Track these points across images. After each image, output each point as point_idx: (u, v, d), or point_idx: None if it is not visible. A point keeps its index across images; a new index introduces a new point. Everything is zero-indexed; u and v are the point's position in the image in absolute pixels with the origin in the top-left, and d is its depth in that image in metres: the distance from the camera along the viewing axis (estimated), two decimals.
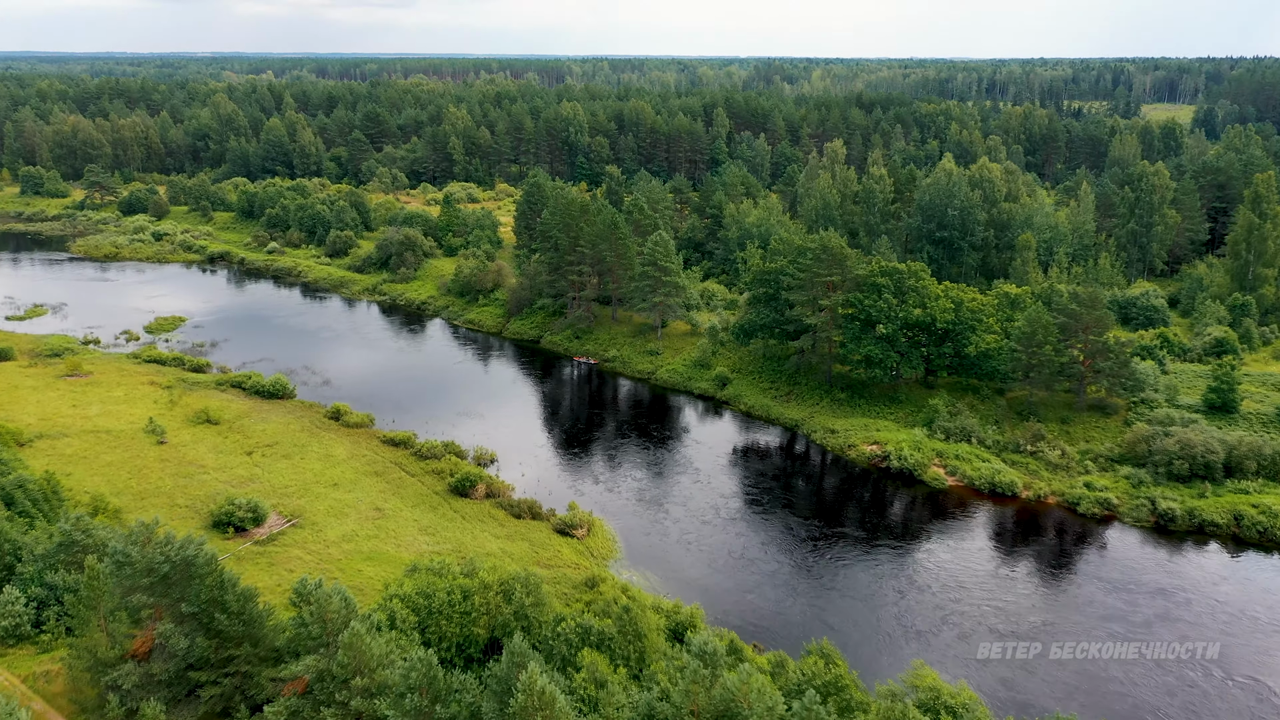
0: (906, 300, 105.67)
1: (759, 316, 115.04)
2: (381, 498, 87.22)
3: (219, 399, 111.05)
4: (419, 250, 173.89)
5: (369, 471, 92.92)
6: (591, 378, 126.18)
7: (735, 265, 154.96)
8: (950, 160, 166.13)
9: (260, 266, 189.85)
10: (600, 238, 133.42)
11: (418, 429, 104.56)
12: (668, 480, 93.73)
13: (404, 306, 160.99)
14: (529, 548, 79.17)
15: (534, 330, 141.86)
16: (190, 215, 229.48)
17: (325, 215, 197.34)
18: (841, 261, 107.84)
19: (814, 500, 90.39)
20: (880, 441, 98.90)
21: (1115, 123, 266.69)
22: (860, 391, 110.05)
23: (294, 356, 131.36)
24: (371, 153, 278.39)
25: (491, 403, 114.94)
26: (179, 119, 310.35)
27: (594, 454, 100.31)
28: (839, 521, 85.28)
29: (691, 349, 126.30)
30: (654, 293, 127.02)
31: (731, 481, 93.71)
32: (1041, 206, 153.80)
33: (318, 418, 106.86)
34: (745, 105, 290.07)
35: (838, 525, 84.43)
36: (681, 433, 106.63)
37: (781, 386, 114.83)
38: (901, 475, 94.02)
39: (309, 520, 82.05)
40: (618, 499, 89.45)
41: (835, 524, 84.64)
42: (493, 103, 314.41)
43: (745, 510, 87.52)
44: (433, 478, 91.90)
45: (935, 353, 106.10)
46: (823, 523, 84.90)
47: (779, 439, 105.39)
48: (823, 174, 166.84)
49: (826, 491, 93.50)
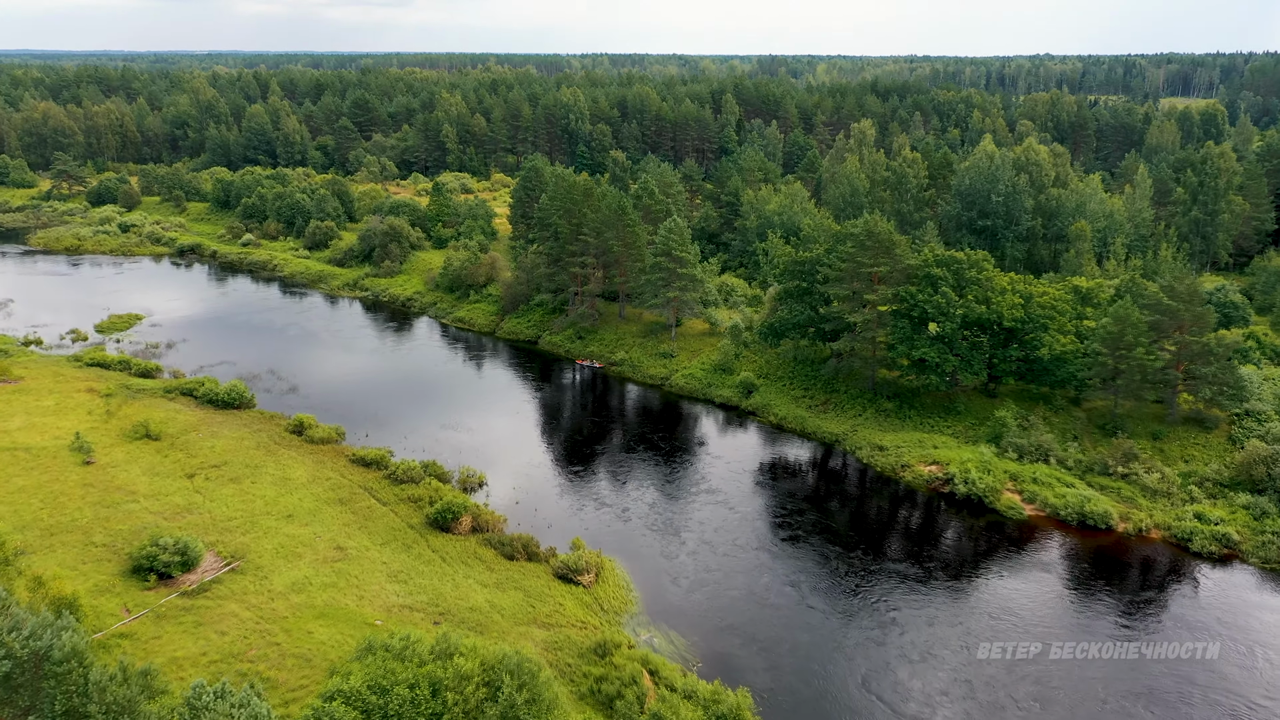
0: (966, 294, 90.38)
1: (791, 314, 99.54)
2: (345, 533, 71.87)
3: (165, 409, 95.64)
4: (405, 242, 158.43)
5: (332, 499, 77.56)
6: (596, 384, 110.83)
7: (755, 258, 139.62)
8: (990, 141, 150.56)
9: (234, 260, 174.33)
10: (606, 225, 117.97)
11: (395, 445, 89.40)
12: (687, 506, 78.51)
13: (387, 303, 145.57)
14: (523, 600, 63.81)
15: (531, 329, 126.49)
16: (163, 206, 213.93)
17: (305, 205, 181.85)
18: (890, 249, 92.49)
19: (862, 532, 75.04)
20: (940, 461, 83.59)
21: (1149, 109, 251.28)
22: (910, 401, 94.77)
23: (258, 359, 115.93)
24: (360, 141, 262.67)
25: (481, 414, 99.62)
26: (157, 106, 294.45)
27: (600, 475, 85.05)
28: (893, 559, 69.98)
29: (711, 351, 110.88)
30: (667, 287, 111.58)
31: (762, 508, 78.52)
32: (1095, 192, 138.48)
33: (278, 432, 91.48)
34: (755, 92, 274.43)
35: (891, 563, 69.13)
36: (701, 449, 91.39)
37: (816, 394, 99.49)
38: (968, 502, 78.83)
39: (253, 563, 66.67)
40: (630, 531, 74.21)
41: (888, 562, 69.37)
42: (489, 90, 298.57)
43: (780, 544, 72.30)
44: (408, 507, 76.54)
45: (1000, 356, 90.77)
46: (873, 560, 69.65)
47: (816, 456, 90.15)
48: (849, 157, 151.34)
49: (876, 521, 78.29)
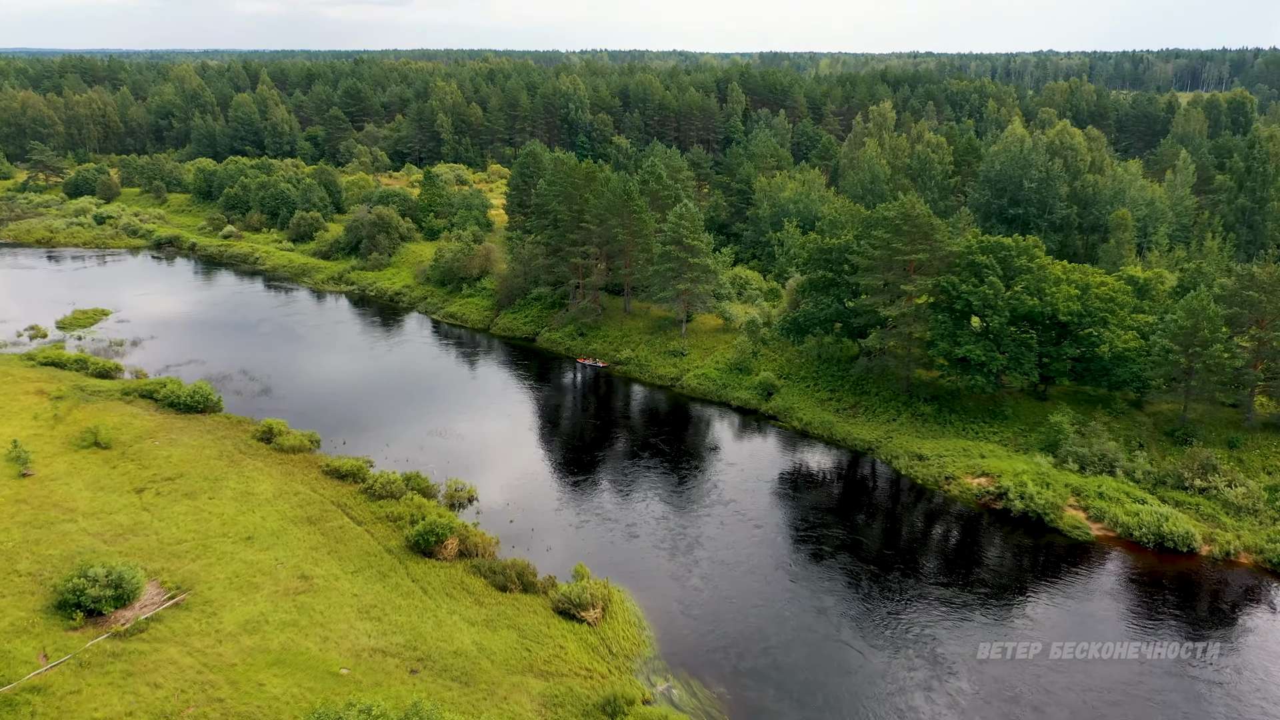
0: (1015, 284, 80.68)
1: (816, 308, 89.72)
2: (311, 558, 62.16)
3: (120, 414, 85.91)
4: (394, 233, 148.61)
5: (299, 517, 67.81)
6: (599, 385, 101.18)
7: (769, 249, 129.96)
8: (1020, 124, 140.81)
9: (213, 253, 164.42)
10: (610, 211, 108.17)
11: (375, 454, 79.76)
12: (702, 522, 68.86)
13: (374, 298, 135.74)
14: (517, 641, 54.08)
15: (528, 326, 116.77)
16: (143, 198, 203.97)
17: (290, 195, 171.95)
18: (928, 234, 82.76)
19: (901, 552, 65.31)
20: (991, 473, 73.87)
21: (1172, 98, 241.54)
22: (950, 404, 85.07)
23: (230, 359, 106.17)
24: (351, 132, 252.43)
25: (473, 419, 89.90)
26: (141, 95, 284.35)
27: (604, 486, 75.34)
28: (937, 583, 60.29)
29: (725, 349, 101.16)
30: (678, 279, 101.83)
31: (785, 524, 68.90)
32: (1134, 179, 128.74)
33: (244, 439, 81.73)
34: (762, 81, 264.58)
35: (936, 588, 59.44)
36: (716, 457, 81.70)
37: (844, 397, 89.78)
38: (1025, 520, 69.20)
39: (201, 596, 56.98)
40: (639, 553, 64.56)
41: (931, 587, 59.70)
42: (485, 79, 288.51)
43: (806, 566, 62.72)
44: (387, 527, 66.82)
45: (1053, 354, 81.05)
46: (913, 584, 60.00)
47: (846, 466, 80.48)
48: (869, 142, 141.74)
49: (917, 540, 68.57)
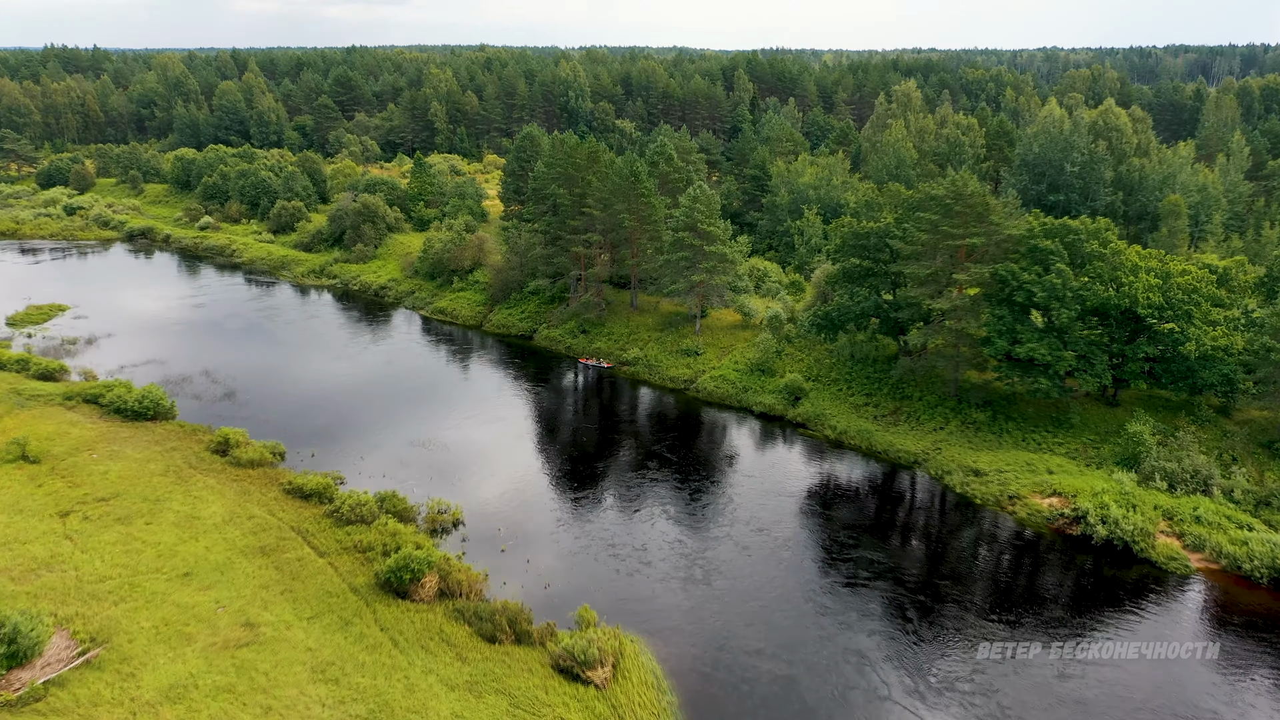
0: (1085, 273, 69.99)
1: (852, 300, 78.94)
2: (261, 600, 51.52)
3: (57, 422, 75.25)
4: (381, 223, 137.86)
5: (251, 547, 57.15)
6: (603, 387, 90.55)
7: (788, 239, 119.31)
8: (1056, 105, 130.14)
9: (188, 245, 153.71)
10: (615, 195, 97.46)
11: (348, 468, 69.22)
12: (722, 547, 58.32)
13: (358, 292, 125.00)
14: (508, 713, 43.42)
15: (525, 322, 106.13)
16: (119, 188, 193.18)
17: (271, 184, 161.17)
18: (983, 216, 72.06)
19: (961, 590, 54.63)
20: (1064, 492, 63.26)
21: (1200, 86, 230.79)
22: (1006, 411, 74.41)
23: (192, 359, 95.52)
24: (341, 121, 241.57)
25: (461, 427, 79.24)
26: (123, 84, 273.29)
27: (610, 505, 64.70)
28: (1003, 622, 49.67)
29: (745, 347, 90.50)
30: (691, 269, 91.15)
31: (820, 551, 58.33)
32: (1185, 163, 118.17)
33: (196, 451, 71.06)
34: (770, 69, 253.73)
35: (1000, 629, 48.81)
36: (736, 470, 71.02)
37: (883, 402, 79.10)
38: (1109, 549, 58.69)
39: (119, 651, 46.32)
40: (652, 588, 53.97)
41: (995, 626, 49.07)
42: (482, 67, 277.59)
43: (848, 604, 52.13)
44: (354, 559, 56.17)
45: (1129, 353, 70.38)
46: (979, 630, 49.34)
47: (889, 482, 69.83)
48: (893, 123, 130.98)
49: (980, 574, 57.74)
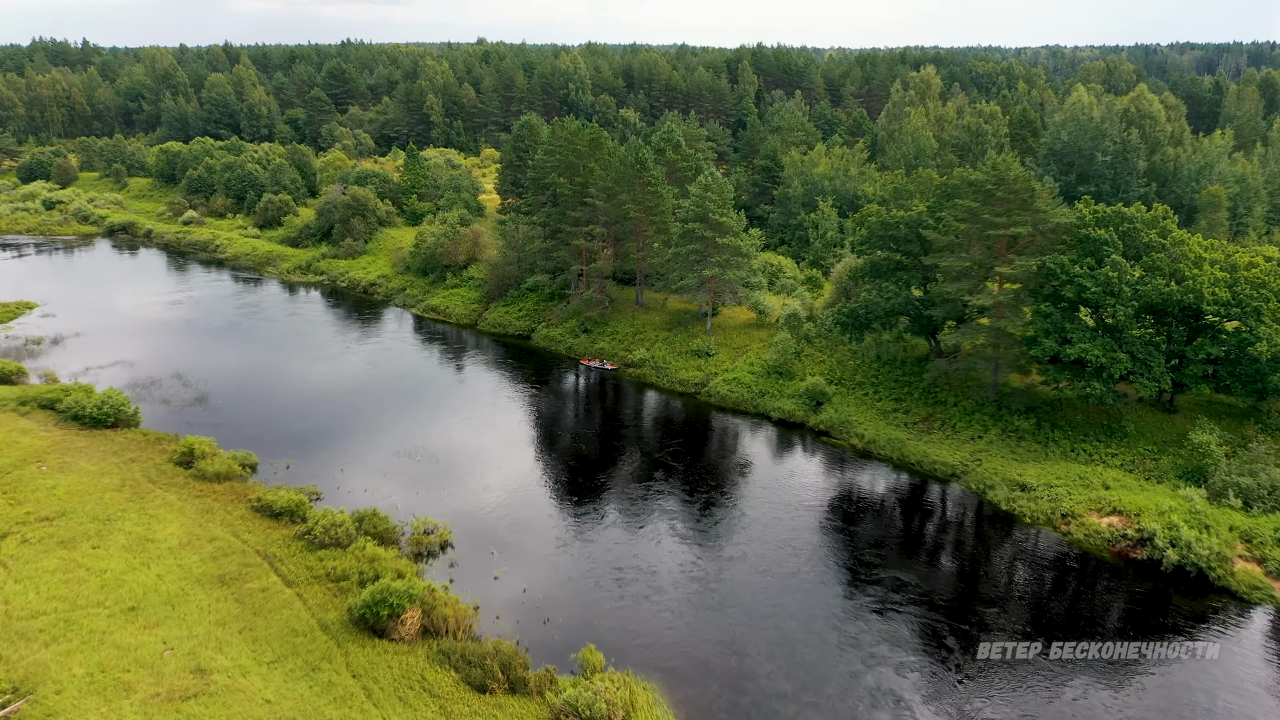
0: (1141, 265, 63.20)
1: (882, 297, 72.03)
2: (216, 640, 44.70)
3: (8, 429, 68.39)
4: (372, 217, 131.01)
5: (210, 575, 50.33)
6: (607, 391, 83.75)
7: (802, 232, 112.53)
8: (1084, 92, 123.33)
9: (170, 240, 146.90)
10: (619, 184, 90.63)
11: (325, 482, 62.46)
12: (738, 569, 51.57)
13: (346, 289, 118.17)
14: None
15: (522, 321, 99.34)
16: (101, 182, 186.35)
17: (258, 177, 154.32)
18: (1027, 202, 65.26)
19: (1010, 619, 47.78)
20: (1125, 510, 56.47)
21: (1220, 78, 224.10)
22: (1051, 418, 67.61)
23: (164, 360, 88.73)
24: (335, 115, 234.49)
25: (451, 435, 72.43)
26: (110, 77, 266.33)
27: (615, 523, 57.88)
28: (1067, 666, 42.85)
29: (761, 348, 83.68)
30: (703, 263, 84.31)
31: (852, 579, 51.54)
32: (1222, 152, 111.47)
33: (157, 463, 64.24)
34: (775, 61, 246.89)
35: (1067, 677, 41.98)
36: (754, 484, 64.17)
37: (914, 408, 72.28)
38: (1180, 575, 51.98)
39: (45, 705, 39.53)
40: (665, 622, 47.17)
41: (1060, 673, 42.23)
42: (480, 60, 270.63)
43: (886, 638, 45.42)
44: (325, 590, 49.33)
45: (1189, 354, 63.57)
46: (1034, 670, 42.52)
47: (923, 496, 63.02)
48: (911, 112, 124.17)
49: (1036, 606, 50.77)
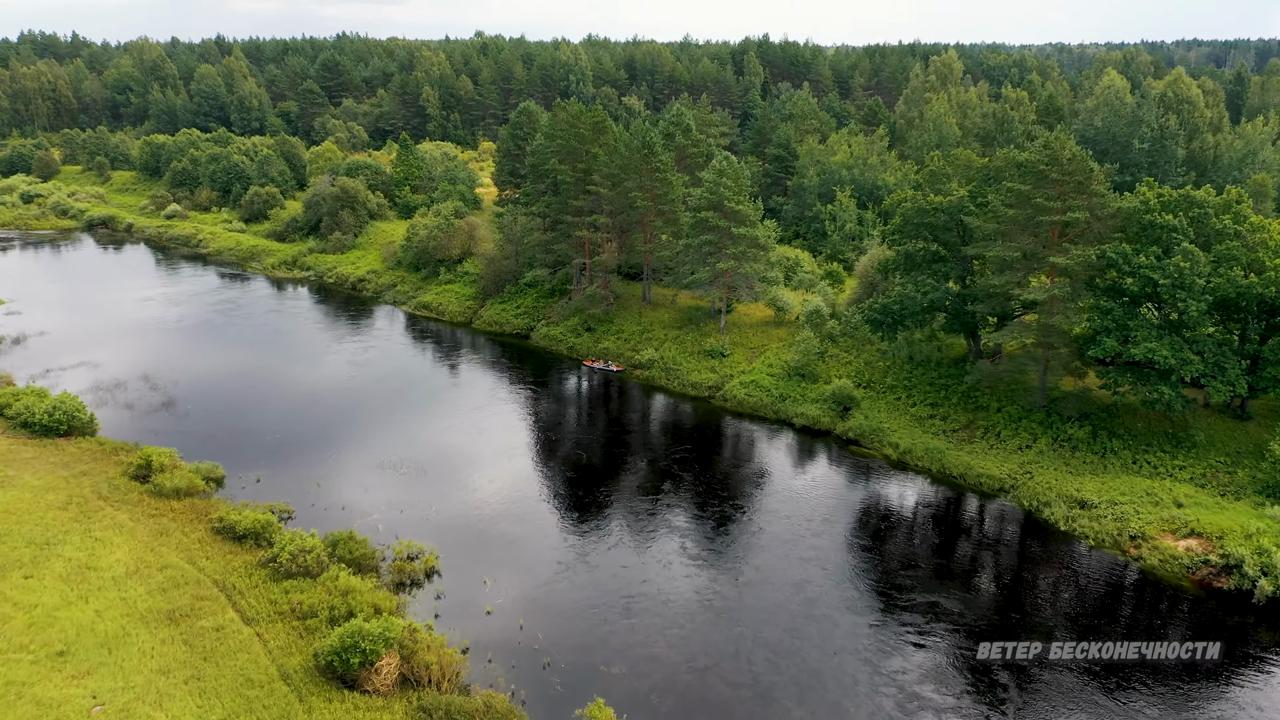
0: (1214, 254, 56.36)
1: (919, 291, 65.05)
2: (156, 692, 37.87)
3: None
4: (362, 209, 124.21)
5: (158, 611, 43.51)
6: (611, 395, 76.92)
7: (818, 224, 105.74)
8: (1116, 75, 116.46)
9: (152, 234, 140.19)
10: (625, 170, 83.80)
11: (299, 497, 55.69)
12: (764, 600, 44.76)
13: (334, 285, 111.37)
14: None
15: (520, 318, 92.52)
16: (84, 176, 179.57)
17: (244, 169, 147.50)
18: (1083, 185, 58.41)
19: (1081, 661, 40.87)
20: (1205, 532, 49.64)
21: (1242, 69, 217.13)
22: (1109, 425, 60.74)
23: (132, 361, 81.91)
24: (328, 108, 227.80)
25: (441, 445, 65.59)
26: (98, 69, 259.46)
27: (621, 543, 51.01)
28: (1145, 699, 36.22)
29: (780, 347, 76.81)
30: (717, 255, 77.46)
31: (890, 609, 44.74)
32: (1266, 139, 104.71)
33: (111, 476, 57.42)
34: (782, 53, 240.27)
35: (1146, 714, 35.39)
36: (776, 500, 57.27)
37: (953, 414, 65.41)
38: (1275, 609, 45.10)
39: None
40: (679, 660, 40.34)
41: (1141, 715, 35.63)
42: (478, 51, 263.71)
43: (931, 679, 38.47)
44: (290, 629, 42.51)
45: (1266, 354, 56.71)
46: (1116, 716, 35.87)
47: (967, 513, 56.22)
48: (933, 97, 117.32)
49: (1104, 637, 43.83)
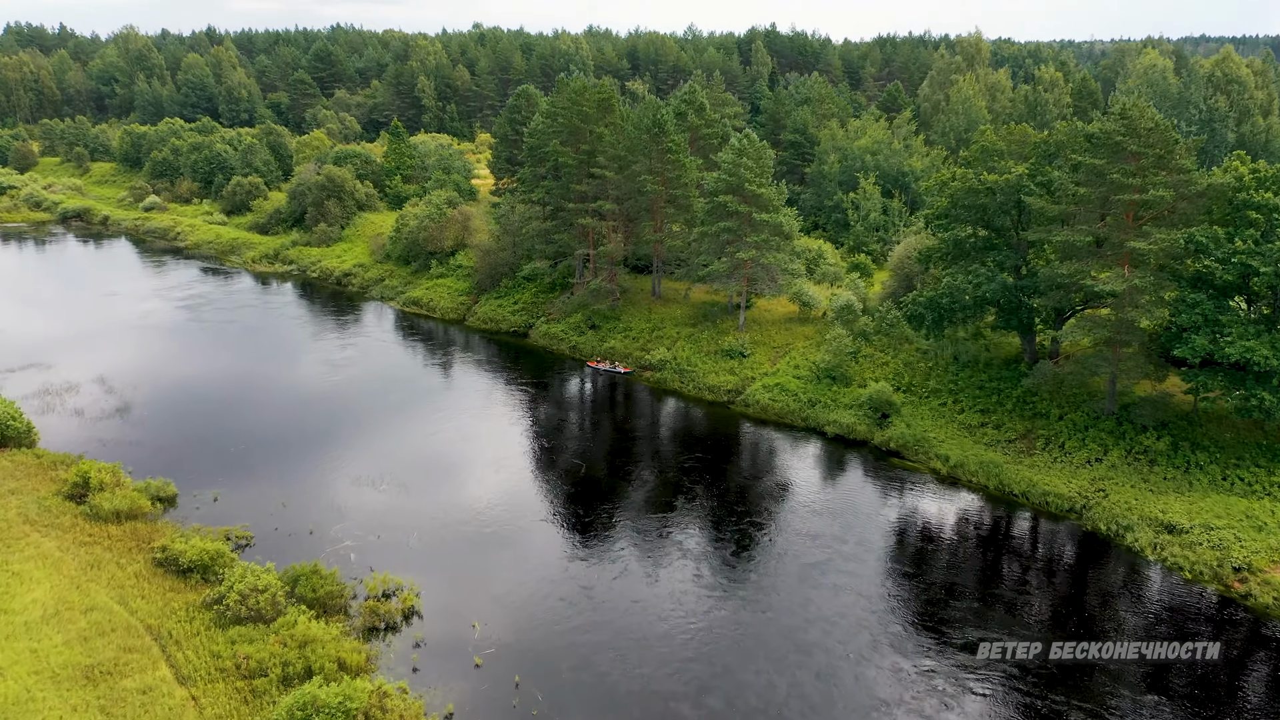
0: None
1: (972, 281, 57.25)
2: None
3: None
4: (350, 199, 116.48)
5: (74, 666, 35.74)
6: (617, 399, 69.18)
7: (839, 214, 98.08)
8: (1156, 54, 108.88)
9: (129, 227, 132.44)
10: (634, 151, 76.05)
11: (261, 520, 48.03)
12: (801, 653, 36.91)
13: (318, 280, 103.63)
14: None
15: (518, 315, 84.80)
16: (63, 167, 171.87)
17: (227, 158, 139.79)
18: (1164, 158, 50.67)
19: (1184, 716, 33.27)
20: None
21: (1268, 55, 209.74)
22: (1191, 436, 53.04)
23: (86, 363, 74.08)
24: (320, 99, 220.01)
25: (426, 457, 57.86)
26: (82, 58, 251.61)
27: (630, 573, 43.25)
28: None
29: (807, 347, 69.05)
30: (735, 244, 69.69)
31: (944, 652, 36.95)
32: None
33: (43, 495, 49.66)
34: (790, 43, 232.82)
35: None
36: (810, 520, 49.53)
37: (1007, 422, 57.67)
38: None
39: None
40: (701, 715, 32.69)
41: None
42: (475, 41, 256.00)
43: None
44: (233, 689, 34.71)
45: None
46: None
47: (1031, 538, 48.51)
48: (959, 80, 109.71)
49: (1210, 690, 36.21)
